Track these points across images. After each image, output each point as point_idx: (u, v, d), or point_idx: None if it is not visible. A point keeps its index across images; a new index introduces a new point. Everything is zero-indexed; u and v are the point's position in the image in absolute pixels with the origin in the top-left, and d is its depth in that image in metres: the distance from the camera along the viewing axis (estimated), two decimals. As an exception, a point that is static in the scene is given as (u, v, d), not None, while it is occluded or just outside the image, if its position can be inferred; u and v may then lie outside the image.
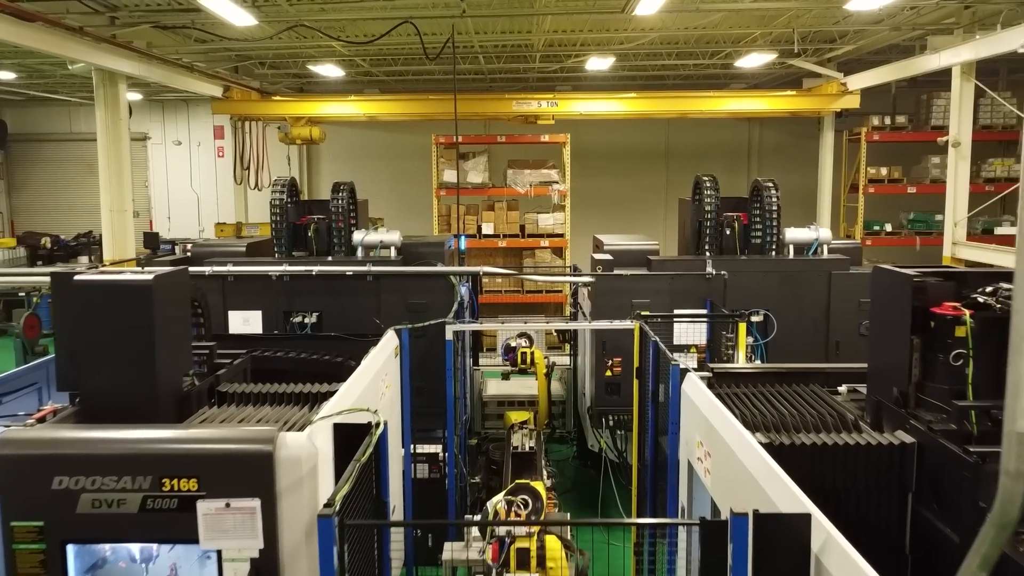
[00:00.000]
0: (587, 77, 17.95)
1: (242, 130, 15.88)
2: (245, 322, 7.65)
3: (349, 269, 7.37)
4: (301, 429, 3.80)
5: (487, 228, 15.46)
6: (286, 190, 7.95)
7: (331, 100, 16.09)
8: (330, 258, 7.96)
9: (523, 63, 15.91)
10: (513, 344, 8.81)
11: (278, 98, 15.86)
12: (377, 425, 3.72)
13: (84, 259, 20.82)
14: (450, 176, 15.40)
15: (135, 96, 19.80)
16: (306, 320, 7.59)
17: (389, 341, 6.12)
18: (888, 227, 16.03)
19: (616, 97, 16.07)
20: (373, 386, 5.27)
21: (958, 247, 11.63)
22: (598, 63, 14.41)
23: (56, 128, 22.13)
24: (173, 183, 22.43)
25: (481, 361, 11.09)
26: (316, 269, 7.38)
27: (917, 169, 16.16)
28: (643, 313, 6.39)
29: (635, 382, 6.44)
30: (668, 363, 5.09)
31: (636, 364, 6.41)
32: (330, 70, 14.46)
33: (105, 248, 11.99)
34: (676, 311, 7.60)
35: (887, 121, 15.87)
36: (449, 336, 6.45)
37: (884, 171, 15.85)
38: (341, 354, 6.18)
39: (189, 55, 13.33)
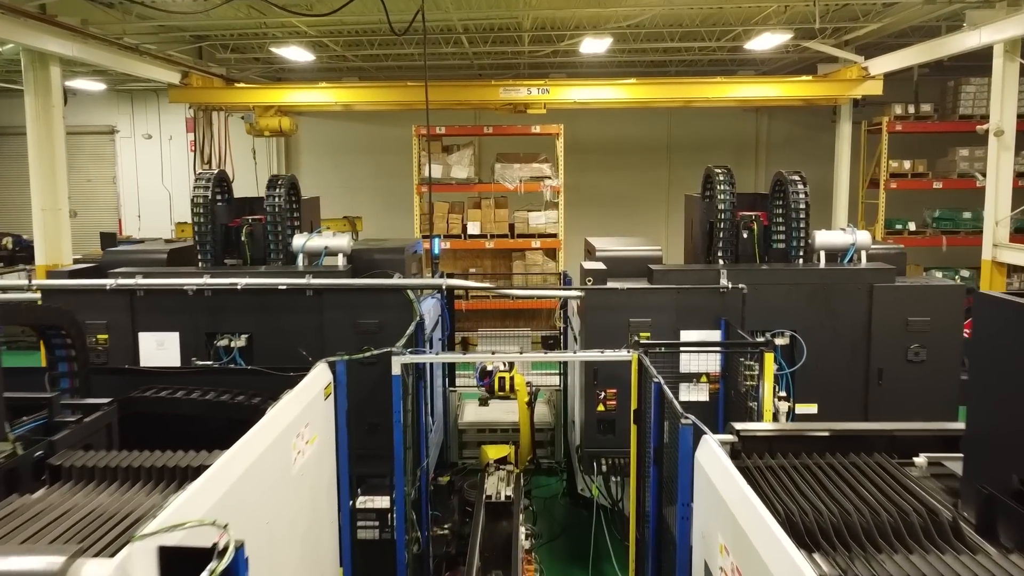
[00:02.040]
0: (582, 63, 16.58)
1: (204, 121, 14.51)
2: (159, 346, 6.31)
3: (282, 282, 6.01)
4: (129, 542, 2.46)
5: (473, 227, 14.11)
6: (211, 185, 6.59)
7: (300, 87, 14.70)
8: (264, 268, 6.60)
9: (512, 46, 14.54)
10: (489, 367, 7.45)
11: (242, 85, 14.48)
12: (223, 553, 2.38)
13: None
14: (433, 171, 14.09)
15: (98, 86, 18.44)
16: (233, 344, 6.25)
17: (317, 378, 4.77)
18: (912, 225, 14.65)
19: (614, 83, 14.68)
20: (279, 448, 3.93)
21: (1000, 249, 10.26)
22: (594, 45, 13.03)
23: (19, 121, 20.68)
24: (144, 179, 21.06)
25: (459, 379, 9.73)
26: (242, 282, 6.03)
27: (943, 162, 14.77)
28: (642, 340, 5.04)
29: (633, 428, 5.09)
30: (675, 417, 3.74)
31: (634, 405, 5.06)
32: (296, 53, 13.07)
33: (37, 252, 10.65)
34: (683, 333, 6.24)
35: (911, 110, 14.48)
36: (396, 370, 5.09)
37: (907, 165, 14.47)
38: (266, 391, 4.86)
39: (136, 36, 11.96)
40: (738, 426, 3.57)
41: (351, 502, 5.62)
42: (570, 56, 15.51)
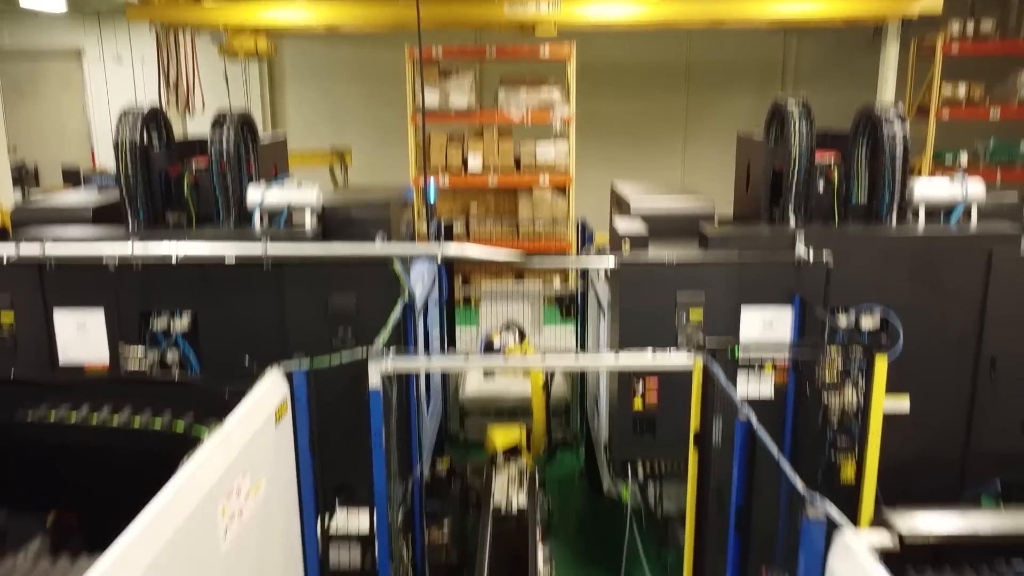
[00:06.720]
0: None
1: (168, 42, 12.81)
2: (80, 328, 4.99)
3: (227, 253, 4.65)
4: None
5: (474, 161, 12.66)
6: (140, 123, 5.15)
7: (275, 4, 12.96)
8: (211, 230, 5.22)
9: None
10: (496, 342, 6.15)
11: (210, 2, 12.74)
12: None
13: (17, 196, 18.20)
14: (429, 98, 12.58)
15: (58, 4, 16.61)
16: (173, 325, 4.94)
17: (264, 399, 3.46)
18: (963, 158, 13.14)
19: (635, -1, 12.91)
20: (197, 526, 2.65)
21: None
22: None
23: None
24: (116, 106, 19.28)
25: (460, 341, 8.40)
26: (177, 250, 4.66)
27: (1002, 88, 13.16)
28: (706, 346, 3.70)
29: (692, 451, 3.81)
30: (796, 501, 2.44)
31: (694, 426, 3.77)
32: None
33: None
34: (745, 310, 4.91)
35: (969, 29, 12.77)
36: (375, 382, 3.76)
37: (962, 90, 12.86)
38: (205, 406, 3.59)
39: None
40: (901, 522, 2.27)
41: (325, 522, 4.41)
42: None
